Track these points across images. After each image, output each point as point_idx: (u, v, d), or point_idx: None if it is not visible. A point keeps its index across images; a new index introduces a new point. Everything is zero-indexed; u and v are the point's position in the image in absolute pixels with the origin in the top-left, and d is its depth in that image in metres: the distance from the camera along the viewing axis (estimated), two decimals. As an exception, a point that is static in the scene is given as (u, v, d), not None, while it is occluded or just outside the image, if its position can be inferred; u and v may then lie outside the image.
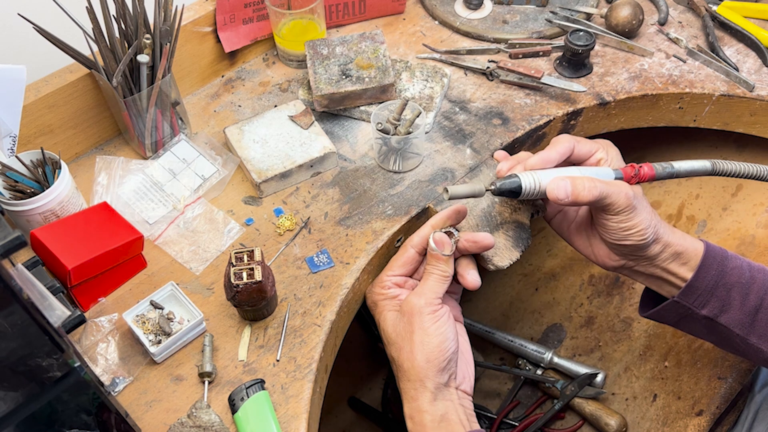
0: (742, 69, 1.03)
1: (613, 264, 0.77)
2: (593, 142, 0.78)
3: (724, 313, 0.74)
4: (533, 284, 1.29)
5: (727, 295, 0.74)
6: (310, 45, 0.99)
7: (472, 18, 1.12)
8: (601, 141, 0.79)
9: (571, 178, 0.70)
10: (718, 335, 0.77)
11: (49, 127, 0.90)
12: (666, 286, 0.77)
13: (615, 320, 1.20)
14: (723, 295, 0.74)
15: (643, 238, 0.71)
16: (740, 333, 0.74)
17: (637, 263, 0.76)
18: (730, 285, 0.74)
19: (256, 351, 0.76)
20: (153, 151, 0.93)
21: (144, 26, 0.85)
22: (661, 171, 0.76)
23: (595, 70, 1.04)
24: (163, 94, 0.88)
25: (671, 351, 1.07)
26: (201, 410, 0.70)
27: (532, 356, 1.17)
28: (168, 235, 0.86)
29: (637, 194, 0.72)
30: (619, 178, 0.75)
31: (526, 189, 0.72)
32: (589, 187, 0.69)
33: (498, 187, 0.73)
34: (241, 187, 0.91)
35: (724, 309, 0.74)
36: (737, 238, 1.12)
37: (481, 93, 1.02)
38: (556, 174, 0.73)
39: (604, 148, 0.78)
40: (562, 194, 0.70)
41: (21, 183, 0.81)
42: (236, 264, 0.73)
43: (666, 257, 0.74)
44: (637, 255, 0.74)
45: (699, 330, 0.78)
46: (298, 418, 0.71)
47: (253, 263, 0.73)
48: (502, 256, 0.80)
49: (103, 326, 0.76)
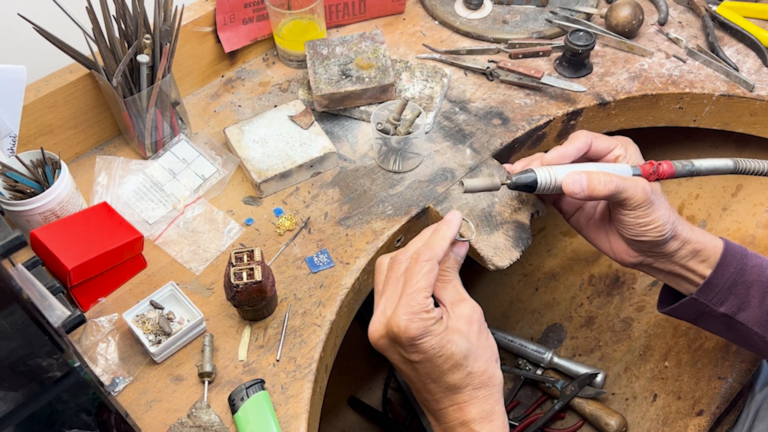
0: (742, 69, 1.03)
1: (632, 260, 0.77)
2: (612, 139, 0.77)
3: (742, 311, 0.74)
4: (533, 284, 1.29)
5: (746, 293, 0.73)
6: (310, 45, 0.99)
7: (472, 18, 1.12)
8: (620, 138, 0.78)
9: (587, 173, 0.70)
10: (736, 333, 0.77)
11: (49, 127, 0.90)
12: (684, 284, 0.77)
13: (615, 320, 1.20)
14: (742, 293, 0.73)
15: (661, 234, 0.71)
16: (759, 331, 0.74)
17: (655, 260, 0.76)
18: (749, 283, 0.73)
19: (256, 351, 0.76)
20: (153, 151, 0.93)
21: (144, 26, 0.85)
22: (680, 168, 0.75)
23: (595, 70, 1.04)
24: (163, 94, 0.88)
25: (671, 351, 1.07)
26: (201, 410, 0.70)
27: (532, 356, 1.17)
28: (168, 235, 0.86)
29: (655, 190, 0.72)
30: (638, 175, 0.75)
31: (542, 183, 0.72)
32: (605, 182, 0.69)
33: (513, 181, 0.73)
34: (241, 187, 0.91)
35: (742, 307, 0.74)
36: (737, 238, 1.12)
37: (481, 93, 1.02)
38: (572, 169, 0.73)
39: (623, 145, 0.77)
40: (578, 188, 0.70)
41: (21, 183, 0.81)
42: (236, 264, 0.73)
43: (685, 254, 0.74)
44: (656, 251, 0.74)
45: (717, 327, 0.78)
46: (298, 418, 0.71)
47: (252, 263, 0.73)
48: (502, 256, 0.80)
49: (103, 326, 0.76)
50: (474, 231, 0.70)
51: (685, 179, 1.19)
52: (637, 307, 1.18)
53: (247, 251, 0.74)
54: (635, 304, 1.19)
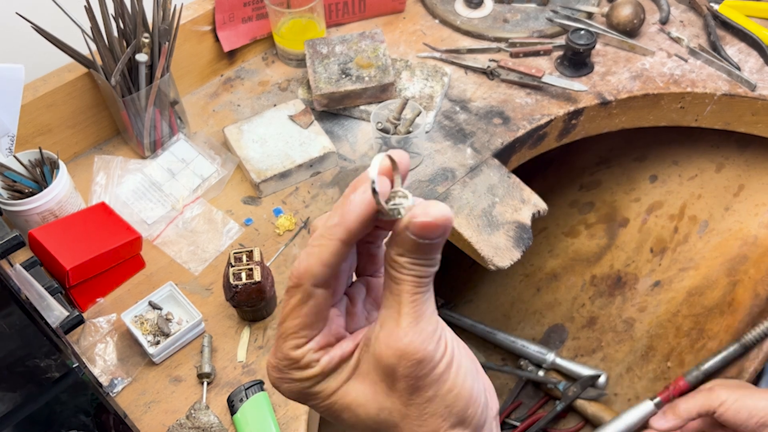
0: (743, 68, 1.02)
1: None
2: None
3: None
4: (535, 285, 1.29)
5: None
6: (310, 44, 0.99)
7: (473, 17, 1.11)
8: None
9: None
10: None
11: (48, 126, 0.89)
12: None
13: (617, 321, 1.19)
14: None
15: None
16: None
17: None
18: None
19: (255, 352, 0.76)
20: (151, 151, 0.92)
21: (143, 25, 0.85)
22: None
23: (597, 69, 1.04)
24: (162, 94, 0.88)
25: (673, 351, 1.07)
26: (200, 411, 0.70)
27: (534, 357, 1.17)
28: (167, 236, 0.85)
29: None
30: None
31: None
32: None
33: None
34: (240, 187, 0.91)
35: None
36: (739, 238, 1.12)
37: (481, 92, 1.01)
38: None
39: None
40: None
41: (19, 183, 0.80)
42: (235, 264, 0.72)
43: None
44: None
45: None
46: (297, 419, 0.71)
47: (252, 263, 0.72)
48: (502, 256, 0.80)
49: (101, 327, 0.76)
50: (409, 195, 0.36)
51: (687, 179, 1.18)
52: (639, 308, 1.18)
53: (246, 251, 0.73)
54: (637, 304, 1.19)
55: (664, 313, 1.14)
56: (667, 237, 1.17)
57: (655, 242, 1.18)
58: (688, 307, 1.10)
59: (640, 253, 1.19)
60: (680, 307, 1.12)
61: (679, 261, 1.15)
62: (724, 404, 0.82)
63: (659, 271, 1.17)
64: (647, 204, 1.20)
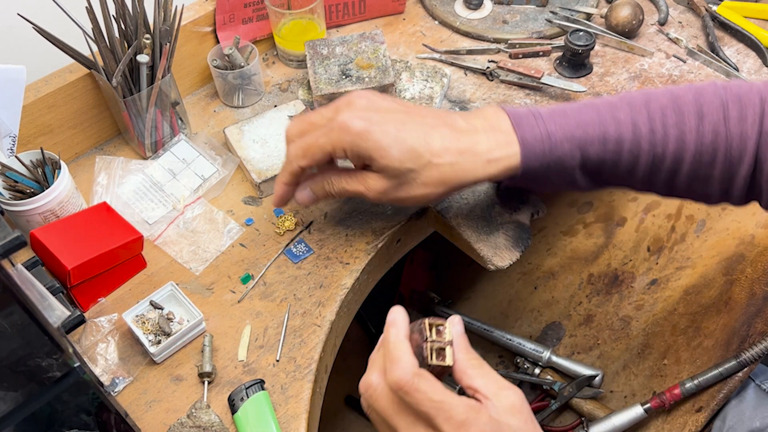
0: (742, 69, 1.03)
1: None
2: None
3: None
4: (532, 283, 1.29)
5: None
6: (310, 45, 0.99)
7: (472, 18, 1.12)
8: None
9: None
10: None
11: (49, 127, 0.90)
12: None
13: (614, 318, 1.20)
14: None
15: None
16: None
17: None
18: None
19: (256, 351, 0.76)
20: (153, 151, 0.93)
21: (144, 26, 0.85)
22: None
23: (595, 70, 1.04)
24: (163, 94, 0.88)
25: (670, 349, 1.07)
26: (201, 410, 0.71)
27: (530, 355, 1.18)
28: (168, 236, 0.86)
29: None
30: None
31: None
32: None
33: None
34: (240, 188, 0.91)
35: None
36: (736, 238, 1.12)
37: (481, 93, 1.02)
38: None
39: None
40: None
41: (21, 183, 0.81)
42: (432, 337, 0.58)
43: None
44: None
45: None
46: (297, 419, 0.71)
47: (444, 343, 0.58)
48: (502, 256, 0.80)
49: (102, 326, 0.76)
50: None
51: (685, 179, 1.19)
52: (636, 306, 1.19)
53: (439, 324, 0.59)
54: (634, 302, 1.19)
55: (661, 311, 1.14)
56: (664, 236, 1.18)
57: (652, 241, 1.19)
58: (685, 305, 1.11)
59: (638, 252, 1.20)
60: (677, 306, 1.12)
61: (675, 260, 1.16)
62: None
63: (656, 269, 1.17)
64: (644, 203, 1.20)
